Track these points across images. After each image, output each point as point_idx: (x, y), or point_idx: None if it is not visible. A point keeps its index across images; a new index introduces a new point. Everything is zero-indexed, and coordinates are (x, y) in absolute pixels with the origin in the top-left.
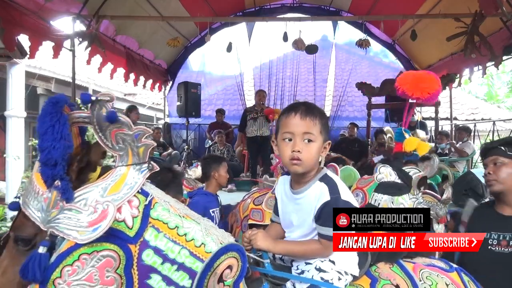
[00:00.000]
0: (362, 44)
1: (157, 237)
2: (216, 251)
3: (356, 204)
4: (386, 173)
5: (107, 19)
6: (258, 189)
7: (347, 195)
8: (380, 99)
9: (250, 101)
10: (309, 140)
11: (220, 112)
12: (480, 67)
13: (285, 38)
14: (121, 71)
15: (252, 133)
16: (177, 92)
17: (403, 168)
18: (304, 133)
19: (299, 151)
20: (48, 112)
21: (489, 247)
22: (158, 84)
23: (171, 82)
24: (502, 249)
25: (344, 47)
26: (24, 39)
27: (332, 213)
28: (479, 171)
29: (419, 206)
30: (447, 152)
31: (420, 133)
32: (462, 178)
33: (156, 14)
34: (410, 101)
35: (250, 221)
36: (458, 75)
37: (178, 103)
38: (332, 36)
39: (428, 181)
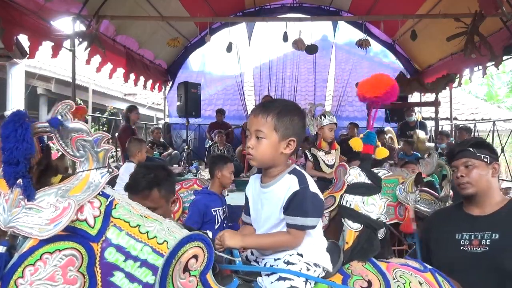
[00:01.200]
0: (362, 44)
1: (119, 235)
2: (180, 239)
3: (322, 198)
4: (355, 175)
5: (107, 19)
6: None
7: (315, 189)
8: None
9: (250, 101)
10: (260, 137)
11: (220, 112)
12: (480, 67)
13: (285, 38)
14: (120, 71)
15: None
16: (177, 92)
17: (372, 169)
18: (255, 131)
19: (250, 147)
20: (11, 120)
21: (461, 247)
22: (158, 84)
23: (171, 82)
24: (475, 248)
25: (344, 47)
26: (23, 39)
27: (300, 203)
28: None
29: (417, 205)
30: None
31: (420, 133)
32: None
33: (156, 14)
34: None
35: None
36: (458, 75)
37: (178, 103)
38: (332, 36)
39: (429, 178)
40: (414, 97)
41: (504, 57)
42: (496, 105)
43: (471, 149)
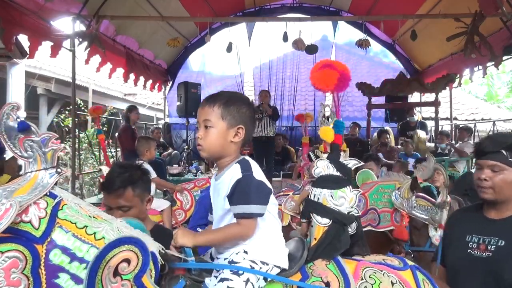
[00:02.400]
0: (362, 44)
1: (64, 237)
2: (107, 244)
3: (270, 187)
4: (323, 167)
5: (107, 19)
6: (287, 189)
7: (260, 176)
8: (380, 99)
9: None
10: (208, 126)
11: None
12: (480, 67)
13: (285, 38)
14: (120, 71)
15: (257, 133)
16: (177, 92)
17: (341, 160)
18: (203, 120)
19: (199, 138)
20: None
21: (468, 250)
22: (158, 84)
23: (171, 82)
24: (480, 253)
25: (344, 47)
26: (23, 39)
27: (243, 190)
28: None
29: (413, 211)
30: (447, 152)
31: (420, 133)
32: (462, 178)
33: (156, 14)
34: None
35: None
36: (458, 75)
37: (178, 103)
38: (332, 36)
39: (426, 183)
40: (414, 97)
41: (504, 57)
42: (496, 105)
43: (504, 152)
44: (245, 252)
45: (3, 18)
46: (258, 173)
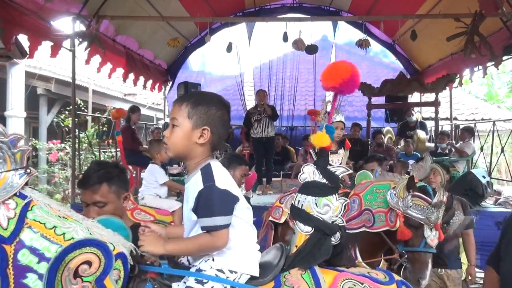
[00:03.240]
0: (362, 44)
1: (33, 237)
2: (66, 246)
3: (238, 193)
4: (309, 172)
5: (107, 19)
6: (296, 188)
7: (225, 184)
8: (380, 99)
9: (250, 101)
10: (174, 125)
11: None
12: (480, 67)
13: (285, 38)
14: (120, 71)
15: (257, 134)
16: (177, 92)
17: (329, 167)
18: (171, 119)
19: (165, 136)
20: None
21: None
22: (158, 84)
23: (171, 82)
24: None
25: (344, 47)
26: (23, 39)
27: (206, 202)
28: (479, 171)
29: (408, 210)
30: (448, 152)
31: (420, 133)
32: (462, 178)
33: (156, 14)
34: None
35: (270, 218)
36: (458, 75)
37: None
38: (332, 36)
39: (421, 183)
40: (414, 97)
41: (504, 57)
42: (496, 105)
43: None
44: (213, 260)
45: (3, 18)
46: (222, 180)
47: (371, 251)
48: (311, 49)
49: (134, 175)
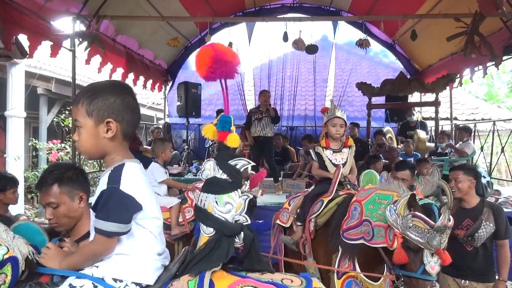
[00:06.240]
0: (362, 44)
1: None
2: None
3: (147, 200)
4: (209, 168)
5: (107, 19)
6: (306, 189)
7: (132, 189)
8: (380, 99)
9: (250, 101)
10: (78, 127)
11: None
12: (480, 67)
13: (285, 38)
14: (120, 71)
15: (255, 133)
16: (177, 92)
17: (230, 161)
18: (73, 122)
19: (75, 141)
20: None
21: None
22: (158, 84)
23: (171, 82)
24: None
25: (344, 47)
26: (23, 39)
27: (103, 204)
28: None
29: (407, 231)
30: (447, 151)
31: (420, 133)
32: None
33: (156, 14)
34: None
35: (278, 222)
36: (458, 75)
37: (178, 103)
38: (332, 36)
39: (427, 200)
40: (414, 97)
41: (504, 57)
42: (496, 105)
43: None
44: (96, 267)
45: (3, 18)
46: (129, 185)
47: (370, 264)
48: (311, 49)
49: None
